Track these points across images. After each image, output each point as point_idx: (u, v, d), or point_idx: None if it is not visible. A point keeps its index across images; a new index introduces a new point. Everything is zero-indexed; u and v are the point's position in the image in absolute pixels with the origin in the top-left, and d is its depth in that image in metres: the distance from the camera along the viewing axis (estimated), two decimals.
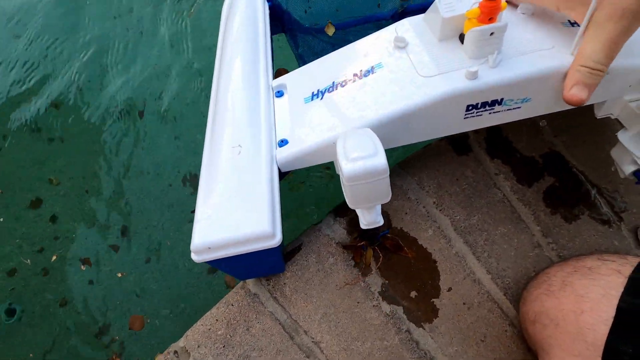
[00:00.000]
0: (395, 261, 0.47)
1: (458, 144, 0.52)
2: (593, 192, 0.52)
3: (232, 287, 0.47)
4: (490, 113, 0.40)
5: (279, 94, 0.46)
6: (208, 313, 0.45)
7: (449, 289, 0.47)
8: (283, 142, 0.41)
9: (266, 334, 0.44)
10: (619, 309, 0.32)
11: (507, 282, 0.48)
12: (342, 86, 0.42)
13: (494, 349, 0.46)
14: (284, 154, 0.41)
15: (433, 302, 0.46)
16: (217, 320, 0.44)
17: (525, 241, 0.50)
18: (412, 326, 0.46)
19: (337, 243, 0.47)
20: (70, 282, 0.85)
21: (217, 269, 0.36)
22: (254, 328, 0.44)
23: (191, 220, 0.88)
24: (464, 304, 0.47)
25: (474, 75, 0.36)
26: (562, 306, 0.37)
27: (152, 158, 0.94)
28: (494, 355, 0.45)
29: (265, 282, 0.45)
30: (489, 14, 0.33)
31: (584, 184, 0.52)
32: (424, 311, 0.46)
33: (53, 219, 0.91)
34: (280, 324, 0.44)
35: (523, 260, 0.49)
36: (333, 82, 0.42)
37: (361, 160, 0.32)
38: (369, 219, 0.39)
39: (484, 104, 0.38)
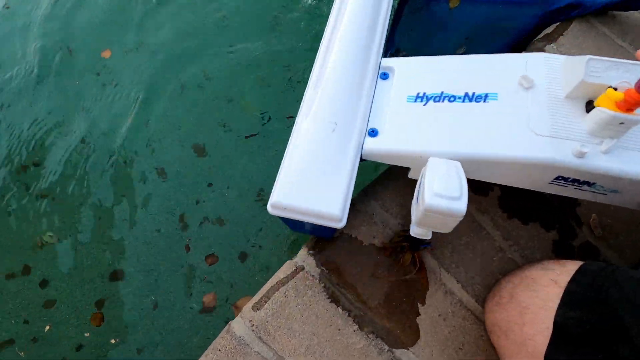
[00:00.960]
0: (375, 285, 0.50)
1: None
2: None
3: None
4: (575, 188, 0.40)
5: (385, 76, 0.46)
6: None
7: (424, 304, 0.50)
8: (374, 132, 0.43)
9: None
10: (555, 322, 0.35)
11: (477, 289, 0.51)
12: (450, 101, 0.41)
13: (473, 354, 0.48)
14: (372, 145, 0.43)
15: (410, 318, 0.49)
16: None
17: (488, 247, 0.53)
18: (393, 345, 0.48)
19: (312, 276, 0.50)
20: None
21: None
22: None
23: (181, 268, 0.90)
24: (439, 315, 0.49)
25: (582, 155, 0.35)
26: (509, 318, 0.40)
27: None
28: None
29: (248, 324, 0.47)
30: (631, 104, 0.31)
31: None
32: (402, 329, 0.48)
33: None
34: None
35: (489, 265, 0.52)
36: (442, 92, 0.42)
37: (445, 199, 0.34)
38: (420, 232, 0.43)
39: (575, 181, 0.38)
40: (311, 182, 0.41)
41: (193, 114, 1.05)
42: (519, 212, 0.55)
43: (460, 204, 0.35)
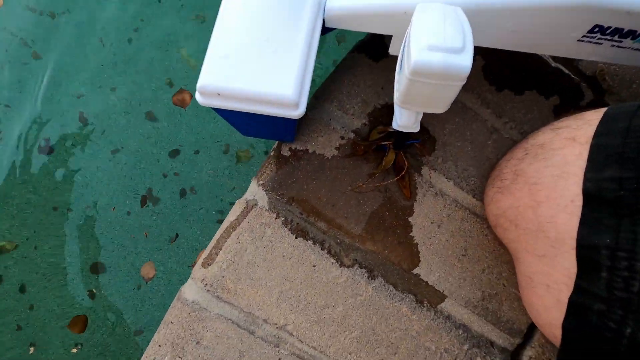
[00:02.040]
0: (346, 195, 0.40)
1: (371, 49, 0.44)
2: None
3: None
4: (612, 45, 0.31)
5: None
6: (150, 342, 0.37)
7: (412, 214, 0.40)
8: None
9: (221, 340, 0.37)
10: (586, 191, 0.25)
11: (473, 183, 0.41)
12: None
13: (479, 259, 0.40)
14: (337, 4, 0.32)
15: (398, 233, 0.40)
16: (159, 346, 0.36)
17: (479, 130, 0.43)
18: (383, 269, 0.39)
19: (269, 211, 0.39)
20: None
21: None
22: (204, 339, 0.37)
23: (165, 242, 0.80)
24: (432, 223, 0.40)
25: None
26: (518, 202, 0.30)
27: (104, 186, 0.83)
28: (481, 264, 0.40)
29: (200, 284, 0.38)
30: None
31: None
32: (390, 248, 0.39)
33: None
34: (233, 322, 0.37)
35: (482, 151, 0.42)
36: None
37: (441, 52, 0.24)
38: (406, 120, 0.34)
39: (616, 31, 0.29)
40: (253, 56, 0.30)
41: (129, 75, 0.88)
42: (510, 81, 0.44)
43: (463, 58, 0.24)
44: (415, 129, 0.36)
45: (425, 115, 0.41)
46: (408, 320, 0.38)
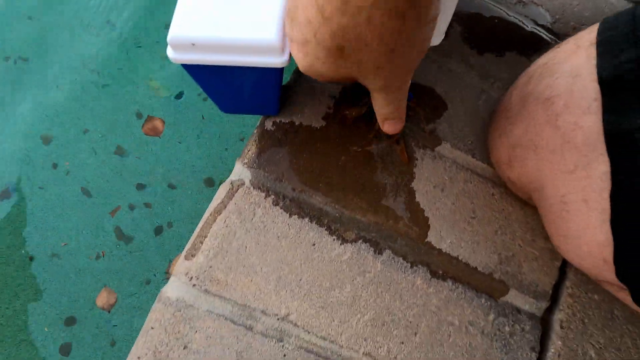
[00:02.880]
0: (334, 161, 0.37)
1: None
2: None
3: None
4: None
5: None
6: (127, 357, 0.31)
7: (413, 179, 0.37)
8: None
9: (213, 341, 0.31)
10: (605, 79, 0.23)
11: (470, 143, 0.39)
12: None
13: (490, 220, 0.37)
14: None
15: (399, 201, 0.36)
16: (139, 358, 0.30)
17: (468, 92, 0.41)
18: (390, 241, 0.35)
19: (258, 189, 0.35)
20: None
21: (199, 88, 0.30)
22: (193, 342, 0.31)
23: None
24: (435, 187, 0.37)
25: None
26: (534, 123, 0.28)
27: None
28: (492, 226, 0.37)
29: (184, 279, 0.32)
30: None
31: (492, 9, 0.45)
32: (394, 218, 0.36)
33: None
34: (226, 319, 0.32)
35: (475, 112, 0.41)
36: None
37: None
38: None
39: None
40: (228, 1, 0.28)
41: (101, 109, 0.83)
42: (489, 44, 0.44)
43: None
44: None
45: (412, 86, 0.40)
46: (425, 294, 0.34)
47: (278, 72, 0.29)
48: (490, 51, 0.44)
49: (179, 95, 0.84)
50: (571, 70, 0.25)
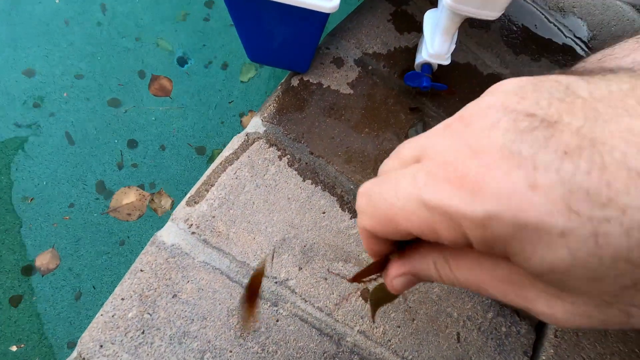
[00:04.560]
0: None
1: None
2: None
3: None
4: None
5: None
6: (110, 296, 0.29)
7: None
8: None
9: (206, 294, 0.29)
10: None
11: None
12: None
13: None
14: None
15: None
16: (122, 299, 0.28)
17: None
18: None
19: (274, 146, 0.33)
20: None
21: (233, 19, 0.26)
22: (183, 292, 0.29)
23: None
24: None
25: None
26: None
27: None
28: None
29: (184, 225, 0.30)
30: None
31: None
32: None
33: None
34: (222, 273, 0.30)
35: None
36: None
37: None
38: (439, 47, 0.31)
39: None
40: None
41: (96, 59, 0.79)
42: (525, 47, 0.43)
43: None
44: (447, 60, 0.32)
45: (443, 72, 0.38)
46: (428, 282, 0.33)
47: (323, 18, 0.27)
48: (526, 54, 0.43)
49: (183, 61, 0.81)
50: (632, 64, 0.24)
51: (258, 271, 0.30)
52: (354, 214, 0.33)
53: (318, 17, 0.27)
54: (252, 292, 0.29)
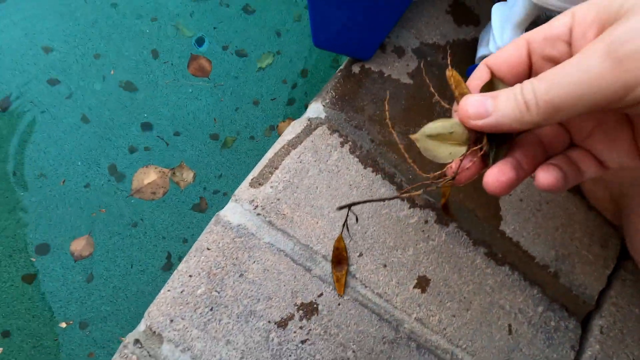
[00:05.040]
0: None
1: None
2: None
3: None
4: None
5: None
6: (175, 272, 0.29)
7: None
8: None
9: (271, 275, 0.29)
10: None
11: None
12: None
13: (554, 216, 0.36)
14: None
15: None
16: (190, 276, 0.28)
17: None
18: (457, 214, 0.34)
19: (336, 132, 0.33)
20: None
21: None
22: (250, 272, 0.29)
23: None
24: None
25: None
26: None
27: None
28: (555, 222, 0.36)
29: (249, 206, 0.30)
30: None
31: None
32: (466, 192, 0.35)
33: None
34: (287, 255, 0.30)
35: None
36: None
37: None
38: (508, 41, 0.29)
39: None
40: None
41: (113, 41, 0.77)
42: None
43: None
44: None
45: None
46: (482, 274, 0.34)
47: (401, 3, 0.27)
48: None
49: (200, 43, 0.80)
50: None
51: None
52: (412, 203, 0.33)
53: None
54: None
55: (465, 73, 0.36)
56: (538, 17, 0.31)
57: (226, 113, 0.77)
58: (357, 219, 0.31)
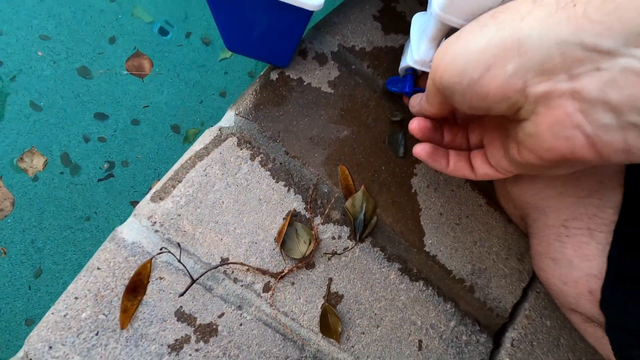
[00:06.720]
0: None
1: None
2: None
3: None
4: None
5: None
6: (63, 294, 0.27)
7: (410, 174, 0.36)
8: None
9: (166, 295, 0.28)
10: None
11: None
12: None
13: (472, 230, 0.36)
14: None
15: (393, 191, 0.35)
16: (76, 298, 0.27)
17: None
18: (376, 230, 0.34)
19: (247, 143, 0.32)
20: None
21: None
22: (158, 284, 0.28)
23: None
24: (428, 186, 0.36)
25: None
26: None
27: None
28: (473, 236, 0.36)
29: (147, 222, 0.29)
30: None
31: None
32: (384, 207, 0.34)
33: None
34: (185, 274, 0.29)
35: None
36: None
37: None
38: (424, 55, 0.29)
39: None
40: None
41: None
42: None
43: None
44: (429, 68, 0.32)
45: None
46: (395, 290, 0.33)
47: (307, 15, 0.26)
48: None
49: (163, 32, 0.76)
50: None
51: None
52: (326, 218, 0.33)
53: (302, 13, 0.26)
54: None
55: (385, 84, 0.35)
56: (451, 31, 0.30)
57: (189, 104, 0.74)
58: None
